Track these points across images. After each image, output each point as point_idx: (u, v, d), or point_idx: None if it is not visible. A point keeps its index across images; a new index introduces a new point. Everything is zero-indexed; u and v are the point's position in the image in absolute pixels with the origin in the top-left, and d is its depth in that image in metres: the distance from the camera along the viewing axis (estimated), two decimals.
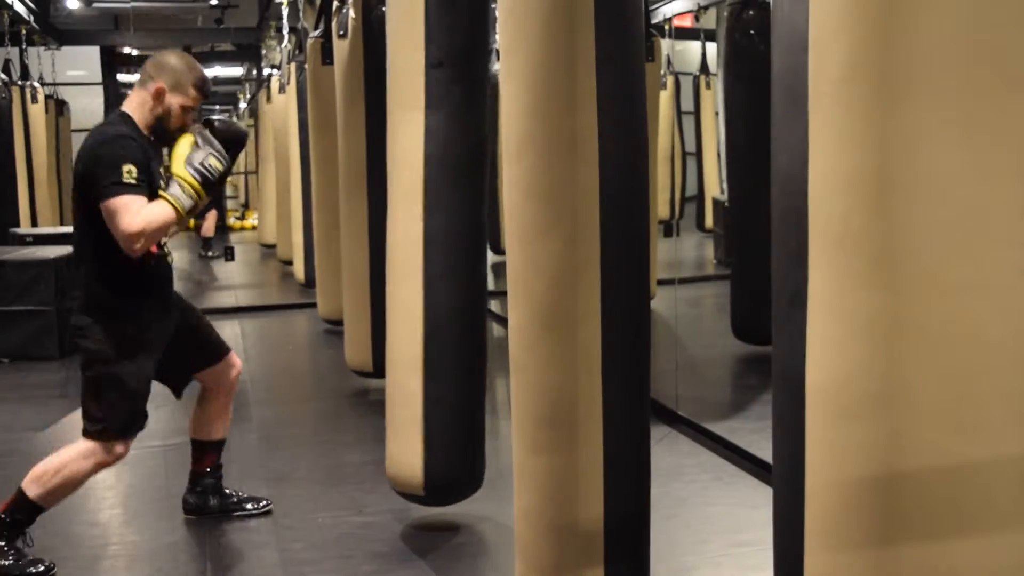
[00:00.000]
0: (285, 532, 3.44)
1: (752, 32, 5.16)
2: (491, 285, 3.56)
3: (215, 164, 2.99)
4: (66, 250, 6.38)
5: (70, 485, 3.10)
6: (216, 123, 3.24)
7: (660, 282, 6.15)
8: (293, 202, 8.46)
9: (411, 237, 3.10)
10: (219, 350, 3.42)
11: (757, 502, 3.48)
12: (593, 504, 2.30)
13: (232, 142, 3.22)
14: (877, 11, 1.24)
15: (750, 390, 5.18)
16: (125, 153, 2.92)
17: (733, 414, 4.73)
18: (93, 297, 3.06)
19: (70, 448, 3.11)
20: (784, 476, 1.47)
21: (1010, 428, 1.25)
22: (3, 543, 3.07)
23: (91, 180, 2.93)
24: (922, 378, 1.25)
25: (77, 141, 13.68)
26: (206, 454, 3.54)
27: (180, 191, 2.93)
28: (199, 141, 3.02)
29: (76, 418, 4.82)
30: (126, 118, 3.09)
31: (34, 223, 9.48)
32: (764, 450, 3.74)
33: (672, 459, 4.04)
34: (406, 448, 3.14)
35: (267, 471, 3.78)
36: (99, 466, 3.11)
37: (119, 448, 3.10)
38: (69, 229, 8.53)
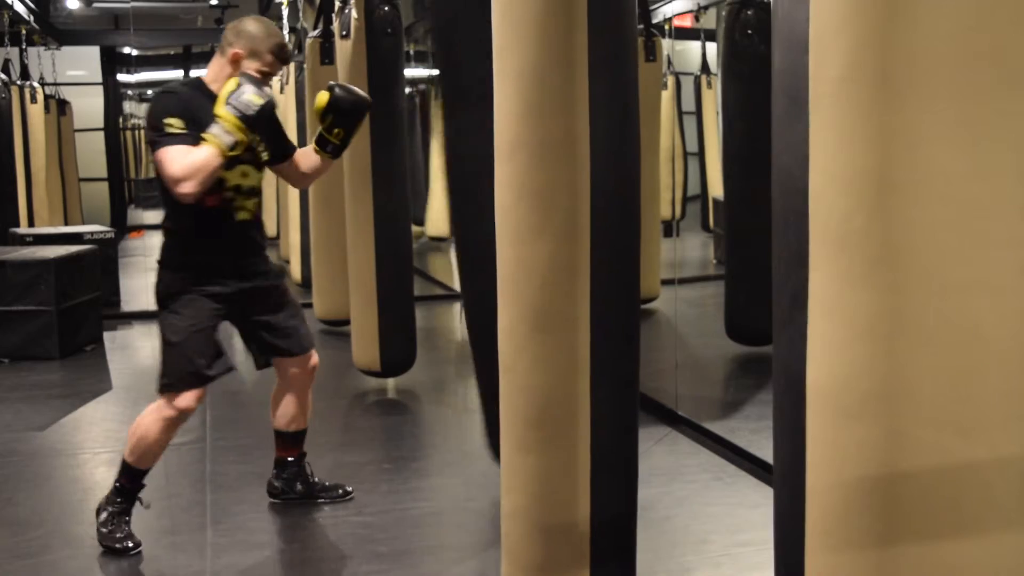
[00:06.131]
0: (285, 532, 3.44)
1: (752, 32, 5.15)
2: None
3: (253, 99, 2.99)
4: (66, 250, 6.37)
5: (149, 442, 3.16)
6: (336, 88, 3.30)
7: (661, 282, 6.16)
8: (291, 202, 8.46)
9: None
10: (297, 345, 3.43)
11: (757, 502, 3.48)
12: (580, 505, 2.29)
13: (352, 107, 3.29)
14: (877, 11, 1.24)
15: (750, 390, 5.18)
16: (165, 108, 3.02)
17: (733, 414, 4.72)
18: (163, 247, 3.21)
19: (150, 405, 3.19)
20: (785, 476, 1.47)
21: (1010, 428, 1.25)
22: (111, 508, 3.22)
23: (148, 138, 3.06)
24: (922, 378, 1.26)
25: (80, 140, 13.59)
26: (286, 443, 3.57)
27: (218, 128, 2.98)
28: (241, 81, 3.04)
29: (76, 418, 4.86)
30: (196, 81, 3.19)
31: (31, 223, 9.46)
32: (764, 450, 3.74)
33: (672, 459, 4.04)
34: None
35: (266, 471, 3.76)
36: (166, 421, 3.15)
37: (179, 402, 3.12)
38: (69, 229, 8.54)
